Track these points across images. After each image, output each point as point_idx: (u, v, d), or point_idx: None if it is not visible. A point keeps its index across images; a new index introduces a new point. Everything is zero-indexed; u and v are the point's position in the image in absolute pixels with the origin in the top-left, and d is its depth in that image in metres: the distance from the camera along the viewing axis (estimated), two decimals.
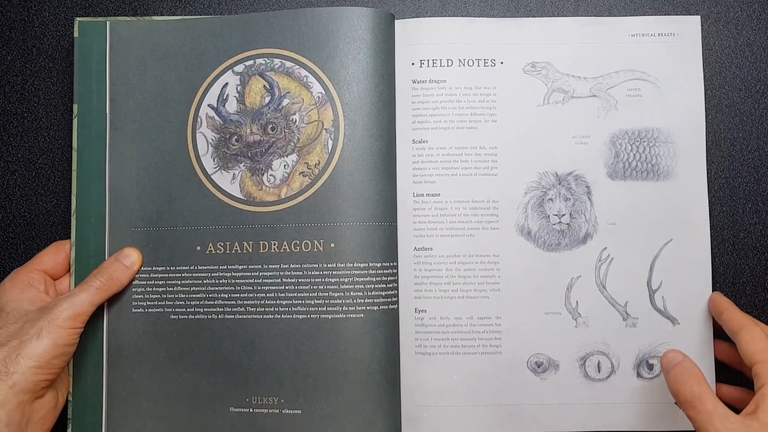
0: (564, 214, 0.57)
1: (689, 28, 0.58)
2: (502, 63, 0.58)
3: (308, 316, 0.54)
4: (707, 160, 0.57)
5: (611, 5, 0.60)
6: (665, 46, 0.58)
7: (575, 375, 0.56)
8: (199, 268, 0.56)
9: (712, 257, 0.57)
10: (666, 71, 0.58)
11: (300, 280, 0.54)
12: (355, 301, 0.53)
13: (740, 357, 0.51)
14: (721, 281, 0.58)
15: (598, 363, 0.56)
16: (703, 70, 0.58)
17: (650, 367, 0.56)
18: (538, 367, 0.56)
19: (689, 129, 0.57)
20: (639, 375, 0.56)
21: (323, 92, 0.55)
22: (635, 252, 0.57)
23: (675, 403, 0.50)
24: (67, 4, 0.60)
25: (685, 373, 0.49)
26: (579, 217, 0.57)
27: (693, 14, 0.60)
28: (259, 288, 0.55)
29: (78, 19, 0.58)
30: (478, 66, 0.57)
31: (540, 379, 0.56)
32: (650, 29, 0.58)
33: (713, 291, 0.57)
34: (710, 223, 0.57)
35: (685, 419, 0.56)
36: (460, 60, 0.57)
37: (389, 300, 0.55)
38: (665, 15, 0.59)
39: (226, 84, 0.56)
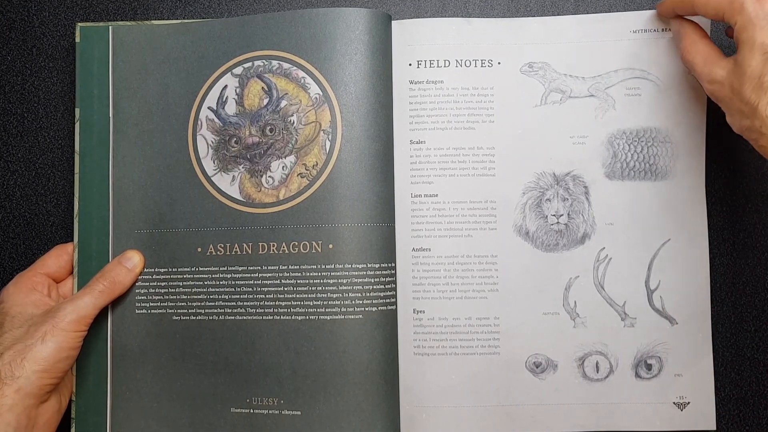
0: (562, 215, 0.57)
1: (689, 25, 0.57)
2: (499, 63, 0.58)
3: (307, 317, 0.54)
4: (706, 159, 0.57)
5: (611, 5, 0.60)
6: (665, 42, 0.57)
7: (574, 375, 0.56)
8: (200, 269, 0.56)
9: (710, 257, 0.57)
10: (667, 69, 0.57)
11: (299, 281, 0.54)
12: (353, 302, 0.54)
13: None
14: (719, 281, 0.58)
15: (597, 363, 0.57)
16: None
17: (648, 367, 0.56)
18: (537, 367, 0.56)
19: (689, 128, 0.57)
20: (637, 375, 0.56)
21: (320, 93, 0.55)
22: (633, 252, 0.57)
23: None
24: (67, 6, 0.61)
25: (684, 37, 0.52)
26: (577, 217, 0.57)
27: None
28: (259, 289, 0.55)
29: (80, 24, 0.58)
30: (476, 66, 0.57)
31: (538, 380, 0.56)
32: (652, 25, 0.57)
33: (711, 291, 0.57)
34: (708, 222, 0.57)
35: (684, 419, 0.56)
36: (457, 60, 0.57)
37: (388, 301, 0.55)
38: None
39: (226, 86, 0.57)
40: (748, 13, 0.45)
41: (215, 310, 0.56)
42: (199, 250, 0.56)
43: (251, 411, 0.55)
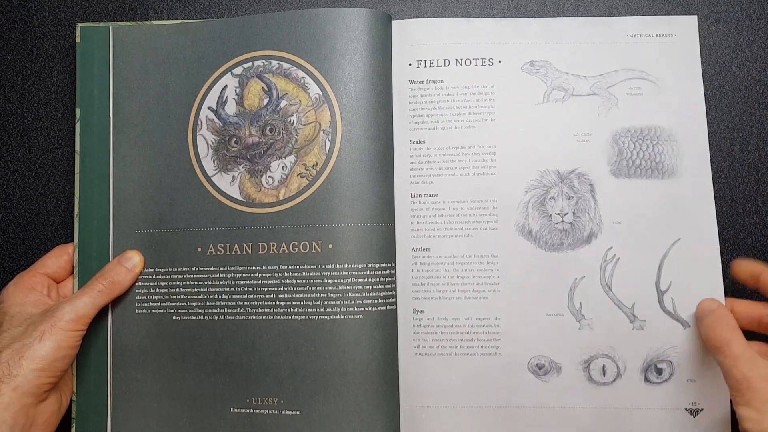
0: (567, 213, 0.56)
1: (686, 28, 0.58)
2: (500, 62, 0.57)
3: (307, 317, 0.54)
4: (711, 159, 0.57)
5: (611, 5, 0.60)
6: (662, 46, 0.57)
7: (579, 378, 0.55)
8: (200, 269, 0.56)
9: (722, 257, 0.56)
10: (665, 71, 0.57)
11: (299, 281, 0.54)
12: (353, 302, 0.53)
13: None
14: (733, 282, 0.56)
15: (603, 366, 0.55)
16: (702, 70, 0.58)
17: (659, 371, 0.55)
18: (539, 369, 0.55)
19: (691, 128, 0.56)
20: (647, 379, 0.55)
21: (320, 93, 0.55)
22: (642, 252, 0.56)
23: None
24: (68, 6, 0.62)
25: (717, 320, 0.50)
26: (583, 215, 0.56)
27: (692, 14, 0.59)
28: (259, 289, 0.55)
29: (80, 24, 0.59)
30: (476, 65, 0.57)
31: (541, 382, 0.55)
32: (647, 29, 0.57)
33: (725, 291, 0.55)
34: (718, 221, 0.56)
35: (697, 426, 0.54)
36: (457, 60, 0.57)
37: (387, 301, 0.54)
38: (663, 15, 0.59)
39: (225, 86, 0.57)
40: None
41: (215, 310, 0.56)
42: (199, 250, 0.56)
43: (251, 411, 0.54)
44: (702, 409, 0.55)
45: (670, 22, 0.58)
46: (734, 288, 0.57)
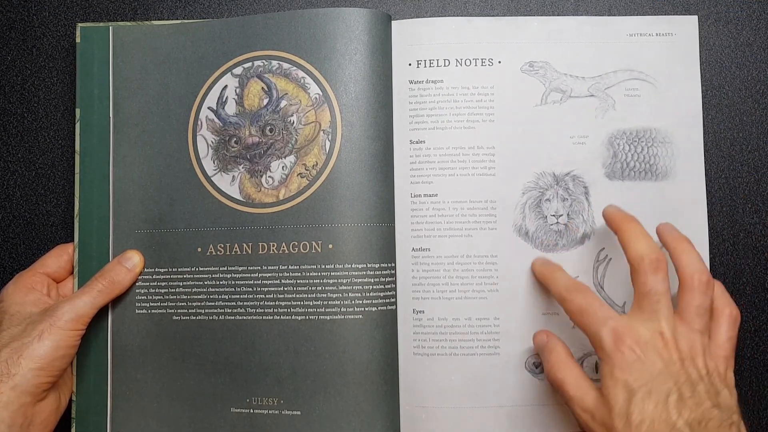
0: (561, 215, 0.57)
1: (687, 28, 0.58)
2: (499, 62, 0.58)
3: (307, 317, 0.54)
4: (705, 161, 0.57)
5: (611, 5, 0.60)
6: (662, 45, 0.58)
7: None
8: (200, 269, 0.56)
9: (710, 257, 0.57)
10: (663, 71, 0.57)
11: (298, 281, 0.54)
12: (353, 302, 0.54)
13: None
14: (719, 281, 0.58)
15: (596, 364, 0.56)
16: (701, 70, 0.58)
17: None
18: (536, 367, 0.56)
19: (687, 129, 0.57)
20: None
21: (320, 93, 0.55)
22: None
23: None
24: (68, 6, 0.61)
25: (550, 357, 0.51)
26: (576, 217, 0.57)
27: (692, 14, 0.59)
28: (259, 289, 0.55)
29: (80, 24, 0.58)
30: (476, 65, 0.57)
31: (538, 380, 0.56)
32: (648, 29, 0.58)
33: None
34: (709, 223, 0.57)
35: None
36: (457, 60, 0.57)
37: (387, 301, 0.55)
38: (664, 15, 0.59)
39: (225, 86, 0.57)
40: (606, 351, 0.47)
41: (215, 310, 0.56)
42: (199, 250, 0.56)
43: (251, 411, 0.55)
44: None
45: (671, 21, 0.58)
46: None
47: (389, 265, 0.55)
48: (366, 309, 0.54)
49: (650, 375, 0.45)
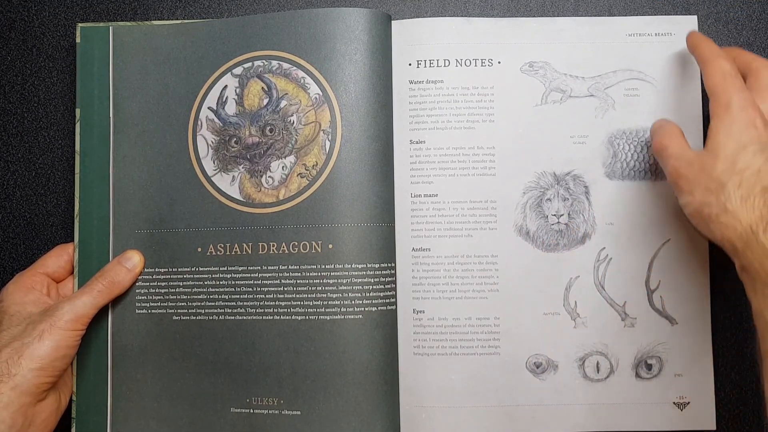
0: (562, 214, 0.57)
1: (686, 27, 0.57)
2: (499, 63, 0.58)
3: (307, 317, 0.54)
4: None
5: (611, 5, 0.60)
6: (662, 45, 0.58)
7: (574, 375, 0.56)
8: (200, 269, 0.56)
9: (710, 256, 0.57)
10: (663, 71, 0.57)
11: (298, 281, 0.54)
12: (353, 302, 0.54)
13: None
14: (719, 280, 0.58)
15: (597, 363, 0.56)
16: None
17: (649, 367, 0.56)
18: (537, 367, 0.56)
19: (687, 129, 0.56)
20: (638, 375, 0.56)
21: (320, 93, 0.55)
22: (633, 252, 0.57)
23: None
24: (68, 6, 0.61)
25: (660, 129, 0.53)
26: (577, 217, 0.57)
27: (692, 14, 0.59)
28: (259, 289, 0.55)
29: (80, 24, 0.58)
30: (476, 66, 0.57)
31: (539, 380, 0.56)
32: (647, 29, 0.58)
33: (711, 291, 0.57)
34: None
35: (684, 419, 0.56)
36: (457, 60, 0.57)
37: (387, 301, 0.55)
38: (664, 15, 0.59)
39: (226, 86, 0.57)
40: (733, 113, 0.48)
41: (215, 310, 0.56)
42: (199, 250, 0.56)
43: (251, 411, 0.55)
44: (689, 403, 0.56)
45: (670, 21, 0.58)
46: (721, 290, 0.58)
47: (389, 265, 0.55)
48: (366, 309, 0.54)
49: (765, 140, 0.47)
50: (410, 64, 0.58)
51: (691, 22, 0.58)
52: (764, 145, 0.47)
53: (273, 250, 0.55)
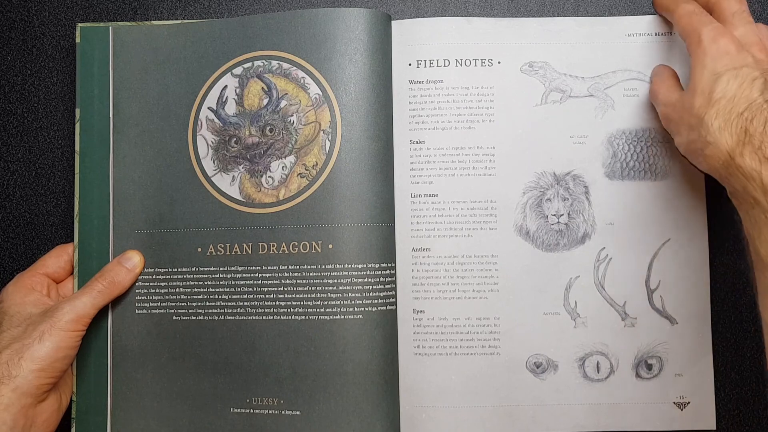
0: (562, 214, 0.57)
1: None
2: (499, 63, 0.58)
3: (307, 318, 0.54)
4: None
5: (611, 5, 0.60)
6: (662, 45, 0.58)
7: (574, 375, 0.56)
8: (200, 269, 0.56)
9: (710, 256, 0.57)
10: None
11: (298, 282, 0.54)
12: (353, 302, 0.54)
13: None
14: (719, 280, 0.58)
15: (597, 363, 0.56)
16: None
17: (649, 367, 0.56)
18: (537, 367, 0.56)
19: None
20: (638, 375, 0.56)
21: (320, 93, 0.55)
22: (633, 252, 0.57)
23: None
24: (67, 6, 0.61)
25: (655, 76, 0.55)
26: (577, 217, 0.57)
27: None
28: (259, 289, 0.55)
29: (80, 24, 0.58)
30: (476, 66, 0.57)
31: (539, 380, 0.56)
32: (646, 29, 0.58)
33: (711, 291, 0.57)
34: (708, 222, 0.57)
35: (684, 419, 0.56)
36: (457, 60, 0.57)
37: (387, 301, 0.55)
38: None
39: (225, 86, 0.57)
40: (704, 45, 0.50)
41: (215, 310, 0.56)
42: (199, 250, 0.56)
43: (251, 411, 0.55)
44: (689, 403, 0.56)
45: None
46: (721, 290, 0.58)
47: (389, 265, 0.55)
48: (366, 309, 0.54)
49: (739, 64, 0.48)
50: (410, 64, 0.58)
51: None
52: (738, 69, 0.48)
53: (273, 250, 0.55)
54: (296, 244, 0.55)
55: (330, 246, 0.54)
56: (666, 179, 0.57)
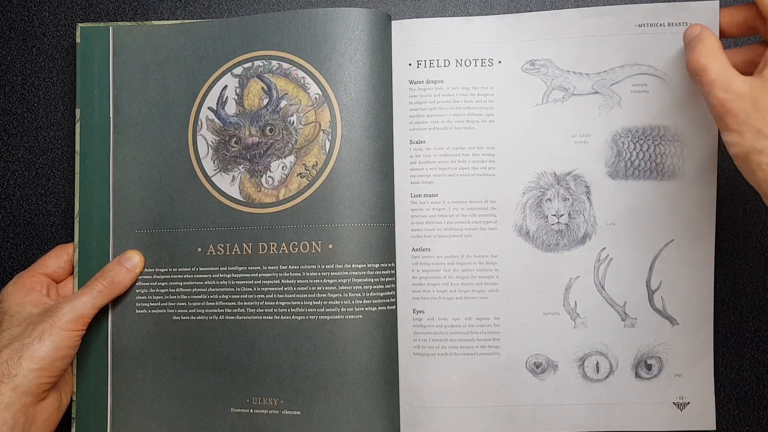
0: (562, 214, 0.57)
1: (705, 15, 0.54)
2: (500, 62, 0.57)
3: (307, 317, 0.54)
4: (719, 161, 0.55)
5: None
6: (675, 37, 0.55)
7: (574, 375, 0.56)
8: (200, 269, 0.56)
9: (716, 259, 0.56)
10: (675, 64, 0.55)
11: (298, 281, 0.54)
12: (353, 302, 0.54)
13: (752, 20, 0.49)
14: (720, 281, 0.58)
15: (597, 363, 0.56)
16: None
17: (648, 367, 0.56)
18: (537, 367, 0.56)
19: (699, 127, 0.55)
20: (637, 375, 0.56)
21: (320, 93, 0.55)
22: (635, 252, 0.56)
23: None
24: (68, 6, 0.61)
25: (697, 45, 0.47)
26: (578, 217, 0.57)
27: None
28: (259, 289, 0.55)
29: (80, 24, 0.58)
30: (476, 66, 0.57)
31: (539, 380, 0.56)
32: (659, 18, 0.55)
33: (714, 290, 0.56)
34: (718, 223, 0.56)
35: (684, 420, 0.56)
36: (457, 60, 0.57)
37: (387, 301, 0.55)
38: (679, 1, 0.55)
39: (226, 86, 0.57)
40: None
41: (215, 310, 0.56)
42: (199, 250, 0.56)
43: (251, 411, 0.55)
44: (689, 403, 0.56)
45: (687, 9, 0.54)
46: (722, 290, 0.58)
47: (389, 265, 0.55)
48: (366, 309, 0.54)
49: None
50: (410, 64, 0.57)
51: (711, 9, 0.54)
52: None
53: (273, 250, 0.55)
54: (296, 244, 0.55)
55: (330, 246, 0.54)
56: (673, 179, 0.56)
